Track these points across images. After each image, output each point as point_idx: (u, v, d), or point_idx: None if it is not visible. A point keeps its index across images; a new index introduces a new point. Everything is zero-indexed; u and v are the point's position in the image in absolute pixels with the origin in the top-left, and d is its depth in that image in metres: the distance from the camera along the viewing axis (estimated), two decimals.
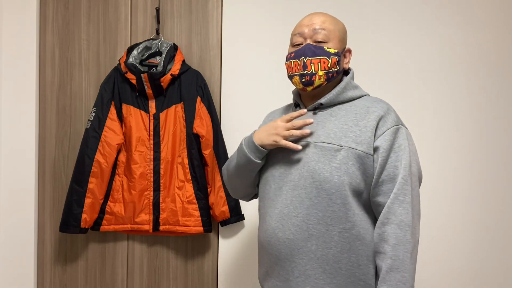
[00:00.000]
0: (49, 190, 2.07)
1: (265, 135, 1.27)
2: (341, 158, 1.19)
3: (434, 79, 1.97)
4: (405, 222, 1.14)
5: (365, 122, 1.23)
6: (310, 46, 1.26)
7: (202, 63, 2.04)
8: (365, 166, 1.20)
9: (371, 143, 1.20)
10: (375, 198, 1.20)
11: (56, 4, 2.06)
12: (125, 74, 1.92)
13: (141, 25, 2.05)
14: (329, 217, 1.19)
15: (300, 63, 1.27)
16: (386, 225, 1.16)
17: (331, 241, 1.19)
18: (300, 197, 1.22)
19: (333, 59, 1.26)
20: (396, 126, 1.22)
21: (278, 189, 1.27)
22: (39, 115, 2.07)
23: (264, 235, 1.29)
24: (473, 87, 1.96)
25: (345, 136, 1.21)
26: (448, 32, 1.97)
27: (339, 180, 1.18)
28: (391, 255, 1.13)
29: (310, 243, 1.20)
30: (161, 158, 1.94)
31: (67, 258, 2.06)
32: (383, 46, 1.98)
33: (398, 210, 1.15)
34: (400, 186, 1.16)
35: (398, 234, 1.14)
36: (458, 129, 1.96)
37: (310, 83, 1.26)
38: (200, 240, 2.04)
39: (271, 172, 1.31)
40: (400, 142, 1.21)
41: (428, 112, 1.97)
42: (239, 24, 2.03)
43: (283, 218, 1.23)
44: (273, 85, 2.00)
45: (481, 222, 1.95)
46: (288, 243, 1.22)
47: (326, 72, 1.26)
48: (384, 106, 1.26)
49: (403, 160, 1.19)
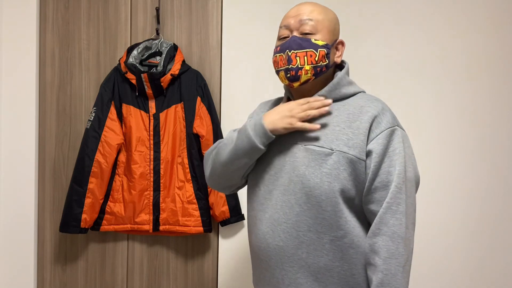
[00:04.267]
0: (49, 190, 2.07)
1: (278, 118, 1.16)
2: (332, 163, 1.12)
3: (434, 79, 1.97)
4: (397, 233, 1.08)
5: (358, 123, 1.14)
6: (296, 38, 1.16)
7: (202, 63, 2.04)
8: (357, 172, 1.12)
9: (363, 147, 1.12)
10: (367, 206, 1.13)
11: (56, 4, 2.06)
12: (125, 74, 1.92)
13: (141, 25, 2.05)
14: (319, 224, 1.12)
15: (285, 57, 1.17)
16: (377, 236, 1.09)
17: (323, 249, 1.13)
18: (290, 202, 1.15)
19: (321, 52, 1.16)
20: (391, 128, 1.13)
21: (268, 193, 1.20)
22: (39, 115, 2.07)
23: (255, 240, 1.23)
24: (475, 87, 1.96)
25: (337, 139, 1.13)
26: (448, 32, 1.97)
27: (329, 186, 1.11)
28: (382, 268, 1.07)
29: (301, 251, 1.14)
30: (161, 158, 1.94)
31: (67, 258, 2.06)
32: (383, 45, 1.98)
33: (391, 221, 1.08)
34: (393, 195, 1.09)
35: (390, 246, 1.07)
36: (457, 130, 1.96)
37: (296, 78, 1.17)
38: (200, 240, 2.04)
39: (260, 173, 1.23)
40: (394, 145, 1.12)
41: (427, 112, 1.97)
42: (239, 24, 2.03)
43: (273, 223, 1.17)
44: (273, 85, 2.00)
45: (480, 222, 1.95)
46: (278, 250, 1.16)
47: (314, 66, 1.16)
48: (378, 105, 1.17)
49: (397, 166, 1.11)
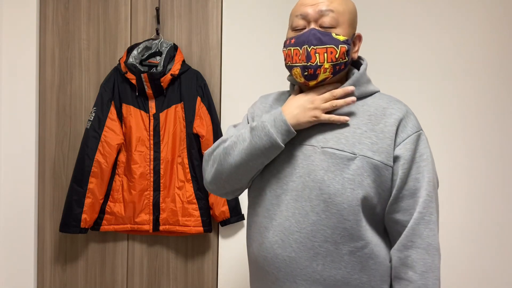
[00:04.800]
0: (49, 190, 2.07)
1: (300, 112, 1.06)
2: (355, 168, 1.03)
3: (441, 78, 1.97)
4: (433, 245, 1.02)
5: (381, 126, 1.06)
6: (316, 32, 1.05)
7: (202, 63, 2.04)
8: (382, 178, 1.04)
9: (390, 152, 1.04)
10: (392, 215, 1.06)
11: (56, 4, 2.06)
12: (125, 74, 1.92)
13: (141, 25, 2.05)
14: (339, 234, 1.03)
15: (303, 52, 1.06)
16: (410, 249, 1.02)
17: (341, 260, 1.04)
18: (304, 210, 1.06)
19: (342, 49, 1.06)
20: (418, 133, 1.07)
21: (275, 198, 1.10)
22: (39, 115, 2.07)
23: (258, 249, 1.13)
24: (479, 87, 1.96)
25: (359, 143, 1.05)
26: (450, 32, 1.97)
27: (352, 194, 1.03)
28: (419, 284, 1.00)
29: (316, 263, 1.05)
30: (161, 158, 1.94)
31: (67, 258, 2.06)
32: (385, 45, 1.98)
33: (425, 232, 1.02)
34: (426, 204, 1.02)
35: (427, 260, 1.01)
36: (462, 130, 1.96)
37: (313, 76, 1.07)
38: (200, 240, 2.04)
39: (266, 176, 1.13)
40: (421, 151, 1.06)
41: (435, 112, 1.97)
42: (239, 24, 2.03)
43: (283, 232, 1.08)
44: (273, 85, 2.00)
45: (484, 223, 1.95)
46: (289, 262, 1.07)
47: (333, 64, 1.06)
48: (402, 107, 1.09)
49: (426, 173, 1.04)
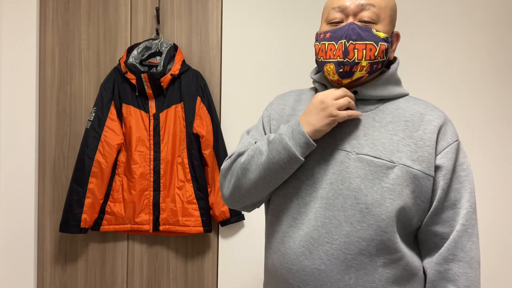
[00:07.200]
0: (49, 190, 2.07)
1: (314, 116, 0.98)
2: (395, 177, 0.97)
3: (447, 80, 1.97)
4: (475, 259, 0.98)
5: (420, 133, 0.99)
6: (355, 27, 0.98)
7: (202, 63, 2.04)
8: (422, 189, 0.98)
9: (432, 162, 0.98)
10: (431, 227, 1.01)
11: (56, 4, 2.06)
12: (125, 74, 1.92)
13: (141, 25, 2.05)
14: (375, 247, 0.97)
15: (340, 47, 0.98)
16: (451, 262, 0.98)
17: (375, 273, 0.98)
18: (336, 220, 0.99)
19: (382, 46, 0.98)
20: (457, 142, 1.01)
21: (303, 205, 1.03)
22: (39, 115, 2.07)
23: (281, 260, 1.05)
24: (483, 89, 1.96)
25: (398, 151, 0.98)
26: (450, 32, 1.97)
27: (392, 204, 0.96)
28: None
29: (348, 276, 0.98)
30: (161, 158, 1.94)
31: (67, 258, 2.06)
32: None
33: (468, 245, 0.98)
34: (469, 216, 0.98)
35: (469, 274, 0.97)
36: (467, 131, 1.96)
37: (349, 74, 0.99)
38: (200, 240, 2.04)
39: (293, 182, 1.05)
40: (461, 160, 1.01)
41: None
42: (239, 24, 2.03)
43: (311, 243, 1.00)
44: (273, 85, 2.00)
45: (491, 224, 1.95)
46: (318, 275, 0.99)
47: (371, 62, 0.98)
48: (440, 114, 1.03)
49: (467, 183, 1.00)
